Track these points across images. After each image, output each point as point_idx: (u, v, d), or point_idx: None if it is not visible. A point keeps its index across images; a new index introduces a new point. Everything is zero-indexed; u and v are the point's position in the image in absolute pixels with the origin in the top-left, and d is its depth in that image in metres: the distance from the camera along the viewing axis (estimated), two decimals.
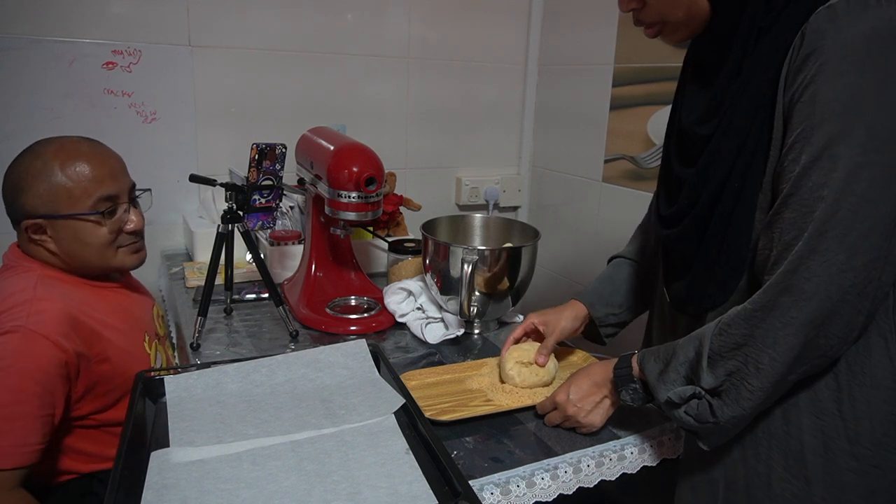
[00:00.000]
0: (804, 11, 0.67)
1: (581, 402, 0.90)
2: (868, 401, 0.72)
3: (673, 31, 0.79)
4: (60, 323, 0.94)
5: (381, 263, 1.62)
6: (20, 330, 0.90)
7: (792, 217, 0.68)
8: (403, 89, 1.96)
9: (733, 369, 0.72)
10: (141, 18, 1.58)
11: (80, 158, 1.01)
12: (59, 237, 1.01)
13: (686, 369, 0.77)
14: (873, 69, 0.64)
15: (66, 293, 1.01)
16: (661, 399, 0.79)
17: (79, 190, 1.00)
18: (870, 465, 0.72)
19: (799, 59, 0.67)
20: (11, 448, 0.88)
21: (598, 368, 0.91)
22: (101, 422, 1.03)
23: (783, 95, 0.70)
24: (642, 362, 0.83)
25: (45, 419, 0.92)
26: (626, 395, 0.86)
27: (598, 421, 0.91)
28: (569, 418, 0.91)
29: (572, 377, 0.93)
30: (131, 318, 1.12)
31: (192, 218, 1.68)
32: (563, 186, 2.08)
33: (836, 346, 0.69)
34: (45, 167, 0.98)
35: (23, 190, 0.99)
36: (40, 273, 1.01)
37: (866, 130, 0.64)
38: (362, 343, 0.95)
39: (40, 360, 0.91)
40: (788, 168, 0.69)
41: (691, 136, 0.82)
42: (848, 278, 0.66)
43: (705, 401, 0.75)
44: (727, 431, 0.77)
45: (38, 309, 0.94)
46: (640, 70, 1.72)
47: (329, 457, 0.72)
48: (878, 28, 0.64)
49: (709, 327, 0.75)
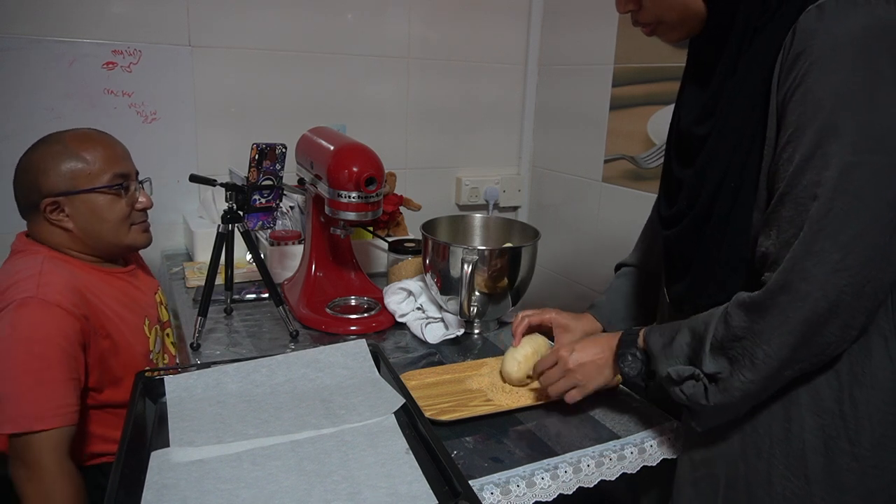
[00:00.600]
0: (795, 10, 0.68)
1: (583, 359, 0.91)
2: (868, 401, 0.72)
3: (669, 30, 0.80)
4: (68, 293, 0.99)
5: (381, 263, 1.62)
6: (32, 301, 0.94)
7: (788, 215, 0.69)
8: (403, 89, 1.96)
9: (733, 358, 0.73)
10: (141, 18, 1.58)
11: (95, 141, 1.09)
12: (77, 214, 1.06)
13: (689, 349, 0.78)
14: (863, 67, 0.64)
15: (70, 271, 1.05)
16: (662, 373, 0.80)
17: (97, 167, 1.06)
18: (869, 465, 0.73)
19: (790, 58, 0.68)
20: (53, 410, 0.92)
21: (605, 336, 0.93)
22: (103, 402, 1.06)
23: (776, 94, 0.70)
24: (648, 334, 0.85)
25: (74, 383, 0.96)
26: (624, 362, 0.87)
27: (592, 386, 0.92)
28: (567, 373, 0.92)
29: (580, 339, 0.95)
30: (132, 301, 1.15)
31: (193, 218, 1.68)
32: (563, 186, 2.08)
33: (834, 344, 0.69)
34: (65, 149, 1.05)
35: (43, 171, 1.03)
36: (47, 254, 1.05)
37: (857, 128, 0.64)
38: (362, 343, 0.95)
39: (60, 326, 0.95)
40: (783, 167, 0.69)
41: (689, 137, 0.83)
42: (843, 277, 0.66)
43: (701, 383, 0.76)
44: (718, 416, 0.79)
45: (45, 281, 0.98)
46: (640, 70, 1.72)
47: (329, 457, 0.72)
48: (868, 26, 0.64)
49: (715, 312, 0.76)
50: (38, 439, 0.90)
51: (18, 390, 0.91)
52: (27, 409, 0.90)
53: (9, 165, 1.07)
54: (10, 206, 1.08)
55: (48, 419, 0.91)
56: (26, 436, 0.90)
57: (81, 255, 1.10)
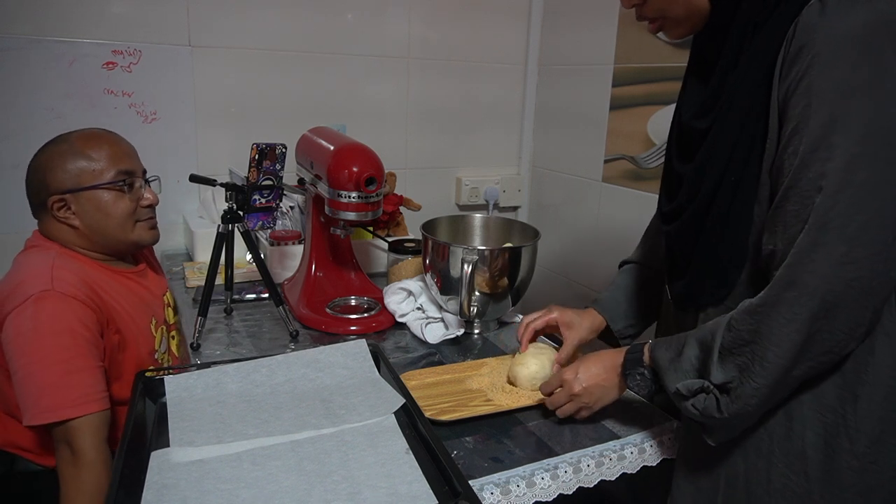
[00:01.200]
0: (797, 5, 0.68)
1: (588, 383, 0.90)
2: (870, 398, 0.72)
3: (674, 26, 0.80)
4: (81, 286, 1.01)
5: (381, 263, 1.62)
6: (50, 294, 0.97)
7: (794, 209, 0.68)
8: (403, 89, 1.96)
9: (742, 365, 0.72)
10: (141, 18, 1.58)
11: (101, 140, 1.11)
12: (83, 210, 1.08)
13: (697, 361, 0.77)
14: (865, 61, 0.64)
15: (81, 267, 1.07)
16: (671, 389, 0.79)
17: (101, 165, 1.09)
18: (868, 461, 0.73)
19: (792, 53, 0.67)
20: (90, 395, 0.95)
21: (609, 354, 0.92)
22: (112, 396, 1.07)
23: (778, 88, 0.70)
24: (653, 350, 0.83)
25: (101, 369, 1.00)
26: (633, 382, 0.86)
27: (600, 405, 0.91)
28: (573, 397, 0.91)
29: (583, 358, 0.94)
30: (140, 300, 1.16)
31: (193, 218, 1.68)
32: (563, 186, 2.08)
33: (842, 342, 0.69)
34: (71, 148, 1.08)
35: (50, 169, 1.06)
36: (58, 251, 1.08)
37: (861, 121, 0.64)
38: (362, 343, 0.95)
39: (79, 316, 0.98)
40: (787, 160, 0.69)
41: (689, 131, 0.82)
42: (850, 271, 0.66)
43: (713, 395, 0.75)
44: (733, 428, 0.77)
45: (58, 275, 1.00)
46: (640, 70, 1.72)
47: (329, 457, 0.72)
48: (869, 21, 0.64)
49: (721, 321, 0.75)
50: (77, 426, 0.93)
51: (52, 380, 0.93)
52: (62, 399, 0.93)
53: (9, 165, 1.08)
54: (9, 207, 1.08)
55: (83, 405, 0.94)
56: (65, 423, 0.93)
57: (90, 252, 1.11)
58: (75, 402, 0.94)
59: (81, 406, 0.94)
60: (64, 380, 0.94)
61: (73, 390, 0.94)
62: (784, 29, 0.69)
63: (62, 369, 0.94)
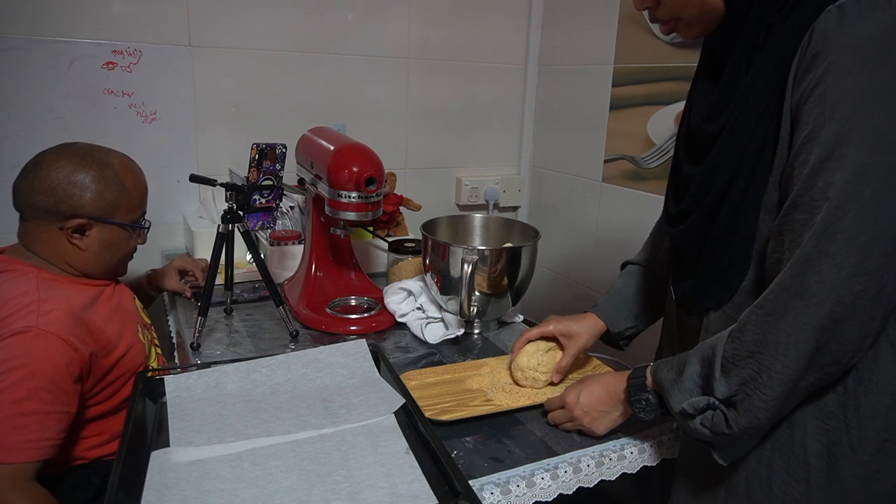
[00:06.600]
0: (814, 10, 0.66)
1: (590, 407, 0.90)
2: (873, 406, 0.71)
3: (687, 27, 0.79)
4: (69, 323, 0.97)
5: (381, 263, 1.62)
6: (31, 330, 0.92)
7: (803, 218, 0.67)
8: (403, 89, 1.96)
9: (747, 377, 0.70)
10: (141, 18, 1.58)
11: (137, 176, 1.12)
12: (98, 239, 1.07)
13: (700, 378, 0.76)
14: (882, 70, 0.63)
15: (66, 295, 1.02)
16: (676, 409, 0.78)
17: (136, 202, 1.10)
18: (871, 470, 0.72)
19: (807, 59, 0.66)
20: (28, 443, 0.90)
21: (612, 378, 0.91)
22: (106, 410, 1.06)
23: (791, 95, 0.69)
24: (656, 373, 0.82)
25: (61, 416, 0.94)
26: (639, 407, 0.85)
27: (602, 430, 0.91)
28: (574, 420, 0.91)
29: (586, 380, 0.93)
30: (123, 310, 1.15)
31: (193, 218, 1.68)
32: (563, 186, 2.08)
33: (849, 353, 0.68)
34: (115, 177, 1.06)
35: (87, 189, 1.03)
36: (37, 275, 1.02)
37: (875, 131, 0.63)
38: (362, 343, 0.95)
39: (54, 359, 0.93)
40: (798, 169, 0.68)
41: (699, 134, 0.82)
42: (860, 282, 0.65)
43: (720, 411, 0.73)
44: (744, 443, 0.76)
45: (45, 309, 0.96)
46: (639, 70, 1.72)
47: (329, 457, 0.72)
48: (887, 28, 0.63)
49: (721, 335, 0.74)
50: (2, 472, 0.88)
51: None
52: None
53: (8, 166, 1.07)
54: (9, 207, 1.07)
55: (26, 452, 0.89)
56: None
57: (72, 271, 1.07)
58: (9, 447, 0.88)
59: (12, 453, 0.88)
60: (8, 421, 0.89)
61: (13, 435, 0.88)
62: (799, 34, 0.67)
63: (13, 411, 0.89)
